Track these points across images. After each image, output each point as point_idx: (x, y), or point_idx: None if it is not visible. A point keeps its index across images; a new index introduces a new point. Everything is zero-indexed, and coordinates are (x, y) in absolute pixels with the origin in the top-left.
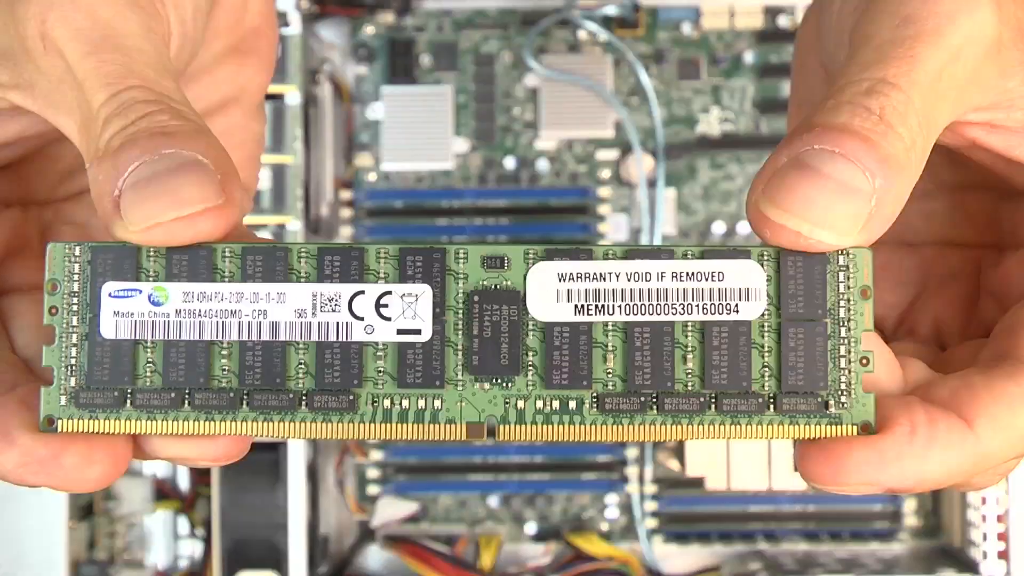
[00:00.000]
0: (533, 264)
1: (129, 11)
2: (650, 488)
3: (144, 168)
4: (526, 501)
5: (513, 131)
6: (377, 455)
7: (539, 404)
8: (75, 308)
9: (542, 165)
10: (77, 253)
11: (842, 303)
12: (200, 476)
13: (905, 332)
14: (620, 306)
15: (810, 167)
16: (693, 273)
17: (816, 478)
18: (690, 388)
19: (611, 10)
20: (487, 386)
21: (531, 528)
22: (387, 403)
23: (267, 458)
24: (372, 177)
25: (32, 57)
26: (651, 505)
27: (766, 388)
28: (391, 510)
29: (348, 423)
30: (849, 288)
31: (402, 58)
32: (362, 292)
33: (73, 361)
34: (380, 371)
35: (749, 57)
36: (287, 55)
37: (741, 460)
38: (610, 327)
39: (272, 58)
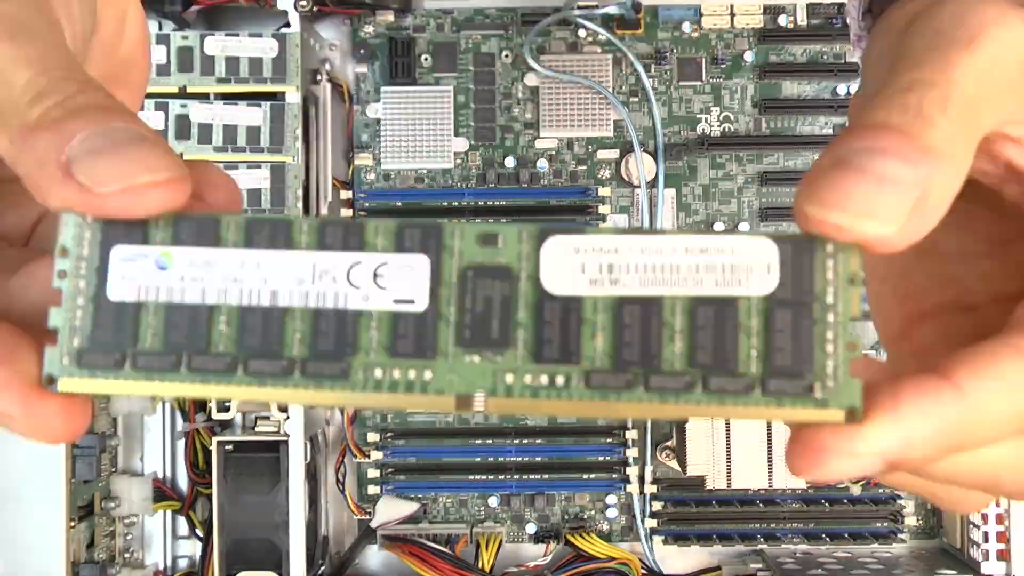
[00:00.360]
0: (541, 240)
1: (30, 8)
2: (650, 488)
3: (99, 138)
4: (526, 501)
5: (513, 131)
6: (377, 455)
7: (527, 378)
8: (83, 272)
9: (542, 165)
10: (89, 220)
11: (831, 289)
12: (200, 476)
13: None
14: (636, 279)
15: (850, 163)
16: (705, 248)
17: (797, 471)
18: (677, 368)
19: (611, 10)
20: (477, 359)
21: (531, 527)
22: (379, 372)
23: (267, 458)
24: (372, 177)
25: None
26: (651, 505)
27: (753, 370)
28: (391, 510)
29: (340, 390)
30: (838, 275)
31: (402, 58)
32: (359, 262)
33: (78, 323)
34: (373, 340)
35: (749, 57)
36: (287, 55)
37: (741, 460)
38: (599, 306)
39: (143, 88)
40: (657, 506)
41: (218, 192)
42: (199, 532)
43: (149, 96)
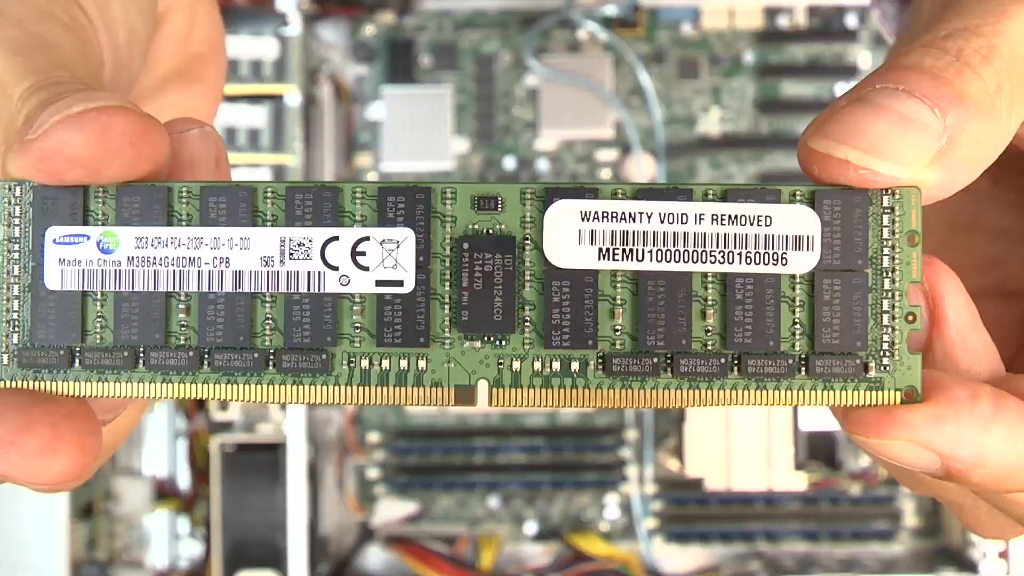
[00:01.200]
0: (545, 202)
1: (61, 29)
2: (650, 488)
3: (58, 116)
4: (526, 501)
5: (513, 131)
6: (378, 455)
7: (537, 365)
8: (16, 256)
9: (542, 165)
10: (18, 194)
11: (886, 251)
12: (200, 476)
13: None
14: (651, 252)
15: (869, 101)
16: (737, 216)
17: (863, 430)
18: (710, 348)
19: (611, 10)
20: (478, 344)
21: (531, 528)
22: (365, 363)
23: (267, 458)
24: (372, 177)
25: None
26: (651, 505)
27: (797, 348)
28: (391, 510)
29: (322, 386)
30: (895, 234)
31: (402, 58)
32: (336, 238)
33: (15, 316)
34: (357, 327)
35: (749, 57)
36: (287, 55)
37: (741, 460)
38: (619, 278)
39: (220, 85)
40: (657, 506)
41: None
42: (199, 532)
43: None
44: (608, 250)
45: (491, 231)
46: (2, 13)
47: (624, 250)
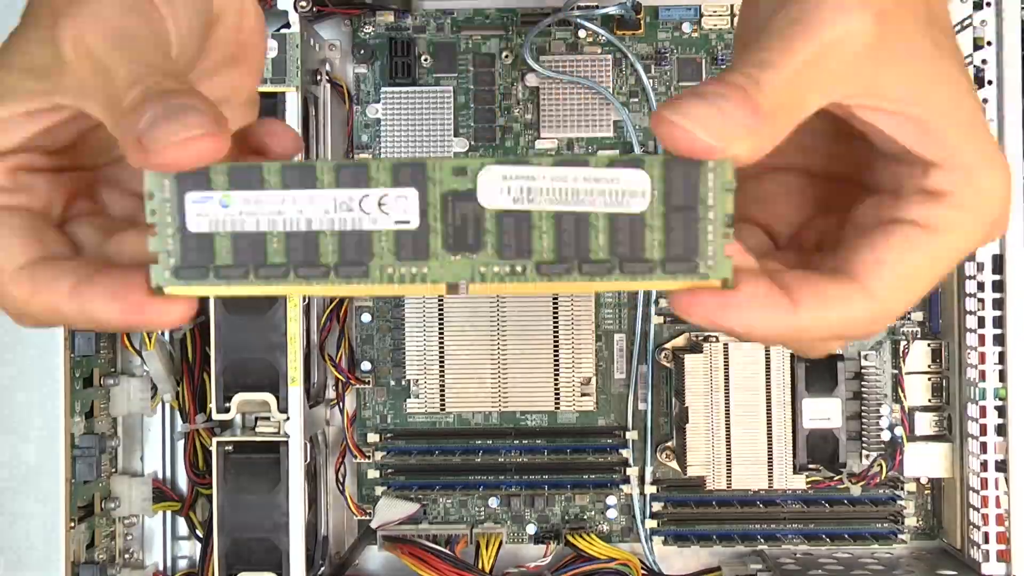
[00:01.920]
0: (482, 168)
1: (138, 20)
2: (650, 488)
3: (157, 113)
4: (526, 501)
5: (513, 132)
6: (378, 455)
7: (496, 269)
8: (168, 211)
9: None
10: (165, 182)
11: (711, 196)
12: (200, 476)
13: (794, 244)
14: (546, 199)
15: (704, 96)
16: (598, 178)
17: (677, 307)
18: (601, 256)
19: (611, 10)
20: (459, 258)
21: (531, 528)
22: (390, 270)
23: (267, 458)
24: None
25: (65, 64)
26: (651, 505)
27: (656, 256)
28: (391, 510)
29: (363, 283)
30: (717, 185)
31: (402, 58)
32: (367, 195)
33: (171, 248)
34: (384, 249)
35: None
36: (287, 55)
37: (741, 460)
38: (543, 216)
39: (262, 64)
40: (657, 506)
41: (277, 138)
42: (199, 532)
43: None
44: (518, 199)
45: (463, 190)
46: (99, 10)
47: (528, 199)
